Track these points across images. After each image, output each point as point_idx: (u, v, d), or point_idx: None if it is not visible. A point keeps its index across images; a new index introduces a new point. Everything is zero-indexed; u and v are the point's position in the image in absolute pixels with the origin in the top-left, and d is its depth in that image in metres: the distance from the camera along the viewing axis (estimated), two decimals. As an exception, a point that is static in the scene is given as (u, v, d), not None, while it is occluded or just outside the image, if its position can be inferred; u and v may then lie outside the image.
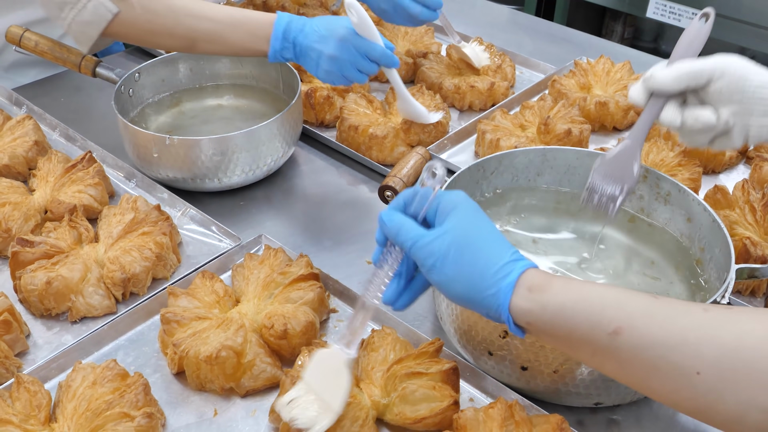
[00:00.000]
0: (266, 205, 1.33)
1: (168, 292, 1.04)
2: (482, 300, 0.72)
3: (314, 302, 1.04)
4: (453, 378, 0.93)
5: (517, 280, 0.71)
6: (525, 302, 0.71)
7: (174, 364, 0.98)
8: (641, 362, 0.65)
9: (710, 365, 0.62)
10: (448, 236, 0.73)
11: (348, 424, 0.87)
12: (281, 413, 0.85)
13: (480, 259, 0.72)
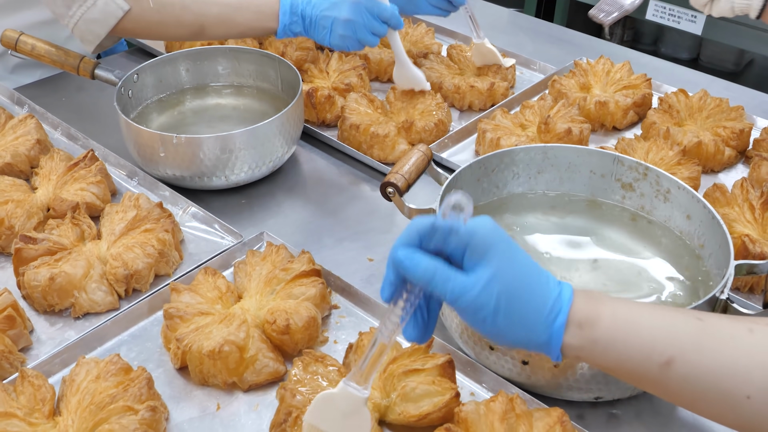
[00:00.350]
0: (268, 204, 1.34)
1: (170, 288, 1.05)
2: (535, 345, 0.71)
3: (316, 298, 1.05)
4: (450, 371, 0.95)
5: (566, 319, 0.69)
6: (576, 340, 0.70)
7: (177, 359, 0.99)
8: (691, 391, 0.67)
9: (759, 389, 0.63)
10: (496, 285, 0.68)
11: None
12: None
13: (530, 307, 0.69)
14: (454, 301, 0.69)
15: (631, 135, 1.50)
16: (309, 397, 0.89)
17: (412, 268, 0.69)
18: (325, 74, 1.61)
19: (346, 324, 1.09)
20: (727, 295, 0.93)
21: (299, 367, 0.94)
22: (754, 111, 1.60)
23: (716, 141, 1.42)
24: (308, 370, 0.94)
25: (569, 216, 1.16)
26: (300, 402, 0.89)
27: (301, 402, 0.89)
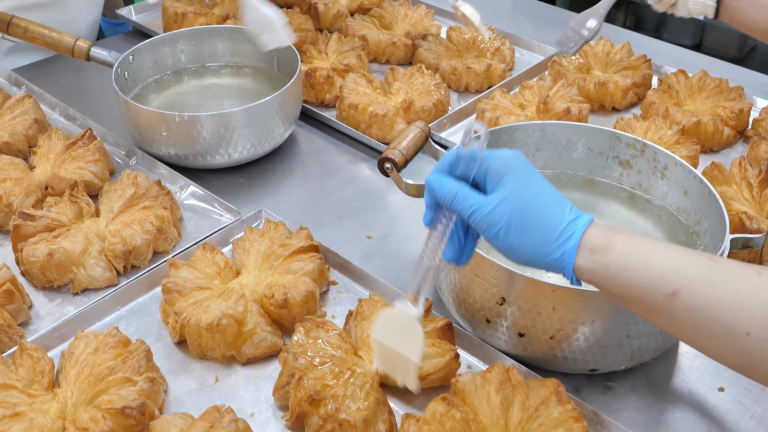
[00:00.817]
0: (266, 183, 1.35)
1: (169, 263, 1.07)
2: (547, 264, 0.75)
3: (314, 273, 1.07)
4: (449, 333, 0.96)
5: (579, 242, 0.73)
6: (588, 263, 0.73)
7: (175, 333, 1.01)
8: (694, 323, 0.69)
9: (759, 327, 0.65)
10: (508, 203, 0.74)
11: (356, 392, 0.89)
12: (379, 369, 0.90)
13: (542, 225, 0.74)
14: (470, 217, 0.76)
15: (630, 115, 1.51)
16: (311, 361, 0.91)
17: (438, 189, 0.78)
18: (324, 55, 1.62)
19: (344, 299, 1.10)
20: (722, 268, 0.95)
21: (301, 333, 0.96)
22: (755, 92, 1.61)
23: (715, 121, 1.43)
24: (310, 335, 0.96)
25: (567, 192, 1.18)
26: (302, 365, 0.91)
27: (303, 365, 0.91)
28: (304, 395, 0.88)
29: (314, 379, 0.90)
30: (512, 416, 0.88)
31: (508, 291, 0.92)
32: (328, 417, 0.87)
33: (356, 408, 0.88)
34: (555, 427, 0.86)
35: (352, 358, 0.94)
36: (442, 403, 0.87)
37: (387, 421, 0.89)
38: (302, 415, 0.89)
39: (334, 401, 0.87)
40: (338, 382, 0.90)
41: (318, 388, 0.88)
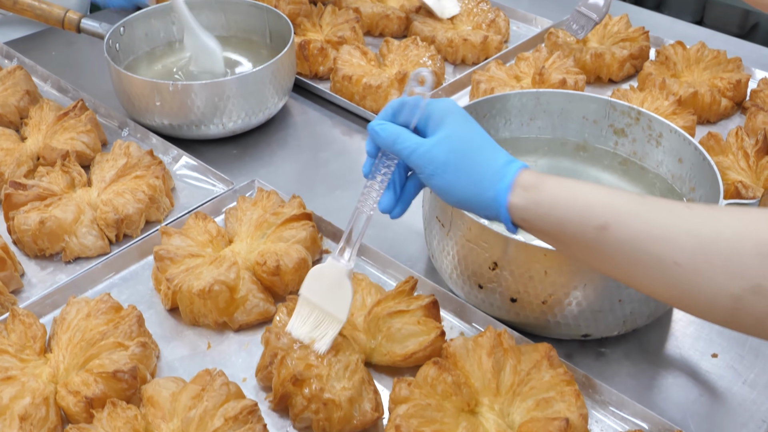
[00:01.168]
0: (260, 154, 1.36)
1: (161, 231, 1.07)
2: (481, 202, 0.78)
3: (307, 241, 1.07)
4: (434, 311, 0.97)
5: (513, 181, 0.77)
6: (521, 200, 0.76)
7: (167, 300, 1.01)
8: (625, 255, 0.71)
9: (688, 256, 0.67)
10: (447, 143, 0.78)
11: (340, 372, 0.89)
12: (290, 332, 0.90)
13: (478, 164, 0.78)
14: (409, 157, 0.80)
15: (627, 87, 1.51)
16: (294, 340, 0.92)
17: (381, 132, 0.82)
18: (318, 28, 1.62)
19: (337, 268, 1.11)
20: (715, 233, 0.95)
21: (283, 312, 0.96)
22: (754, 65, 1.61)
23: (712, 91, 1.44)
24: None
25: (559, 160, 1.18)
26: (285, 345, 0.91)
27: (286, 345, 0.91)
28: (287, 376, 0.88)
29: (297, 359, 0.89)
30: (504, 380, 0.88)
31: (501, 256, 0.93)
32: (312, 397, 0.87)
33: (341, 387, 0.88)
34: (546, 391, 0.87)
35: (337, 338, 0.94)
36: (433, 367, 0.88)
37: (373, 399, 0.89)
38: (285, 396, 0.89)
39: (318, 381, 0.87)
40: (322, 361, 0.90)
41: (301, 368, 0.88)
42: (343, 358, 0.91)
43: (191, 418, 0.83)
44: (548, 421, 0.82)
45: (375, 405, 0.89)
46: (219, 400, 0.85)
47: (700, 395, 0.96)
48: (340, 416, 0.86)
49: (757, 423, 0.92)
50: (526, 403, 0.87)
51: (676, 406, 0.94)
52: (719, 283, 0.66)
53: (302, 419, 0.88)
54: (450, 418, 0.84)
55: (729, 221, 0.67)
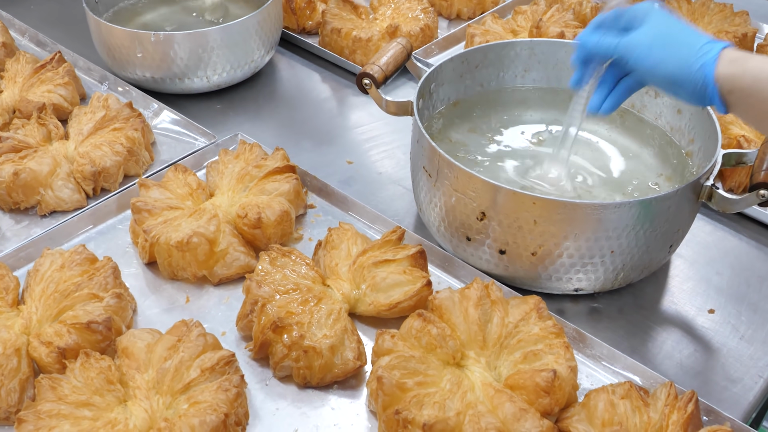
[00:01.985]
0: (244, 109, 1.35)
1: (139, 183, 1.07)
2: (690, 75, 0.81)
3: (290, 194, 1.07)
4: (421, 261, 0.96)
5: (718, 54, 0.80)
6: (728, 69, 0.79)
7: (145, 253, 1.01)
8: None
9: None
10: (650, 30, 0.84)
11: (322, 320, 0.89)
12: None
13: (682, 43, 0.82)
14: (615, 48, 0.86)
15: (628, 41, 1.49)
16: (275, 289, 0.91)
17: (587, 40, 0.88)
18: (307, -20, 1.60)
19: (322, 222, 1.10)
20: (712, 182, 0.95)
21: (266, 261, 0.96)
22: (761, 19, 1.59)
23: (717, 45, 1.42)
24: (275, 264, 0.96)
25: (553, 113, 1.17)
26: (266, 293, 0.91)
27: (267, 293, 0.91)
28: (267, 323, 0.88)
29: (278, 306, 0.89)
30: (491, 332, 0.88)
31: (489, 205, 0.92)
32: (292, 344, 0.87)
33: (322, 335, 0.88)
34: (534, 343, 0.87)
35: (319, 287, 0.94)
36: (418, 319, 0.88)
37: (355, 348, 0.89)
38: (266, 344, 0.89)
39: (299, 328, 0.87)
40: (304, 309, 0.90)
41: (282, 315, 0.88)
42: (325, 306, 0.91)
43: (166, 369, 0.83)
44: (535, 373, 0.82)
45: (357, 354, 0.88)
46: (195, 351, 0.84)
47: (695, 350, 0.95)
48: (321, 364, 0.86)
49: (753, 378, 0.92)
50: (514, 356, 0.87)
51: (669, 360, 0.94)
52: None
53: (282, 368, 0.88)
54: (434, 370, 0.84)
55: None
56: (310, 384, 0.88)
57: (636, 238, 0.92)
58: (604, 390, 0.82)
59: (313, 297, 0.91)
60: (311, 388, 0.88)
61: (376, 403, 0.83)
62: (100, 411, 0.80)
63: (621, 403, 0.80)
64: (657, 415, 0.80)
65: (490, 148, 1.10)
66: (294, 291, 0.92)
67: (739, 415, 0.87)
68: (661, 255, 0.98)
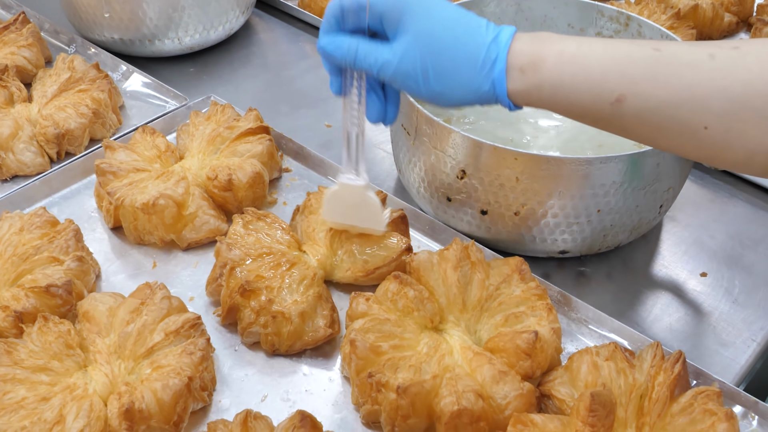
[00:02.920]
0: (219, 72, 1.33)
1: (104, 145, 1.05)
2: (480, 98, 0.72)
3: (263, 155, 1.05)
4: (402, 226, 0.95)
5: (506, 65, 0.70)
6: (521, 85, 0.70)
7: (110, 217, 1.00)
8: (647, 126, 0.67)
9: (718, 118, 0.64)
10: (416, 47, 0.71)
11: (293, 285, 0.88)
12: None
13: (461, 59, 0.71)
14: (379, 73, 0.73)
15: (622, 0, 1.48)
16: (248, 252, 0.90)
17: (334, 51, 0.75)
18: (287, -60, 1.58)
19: (298, 186, 1.09)
20: (704, 138, 0.93)
21: (239, 224, 0.94)
22: (761, -21, 1.58)
23: (715, 5, 1.41)
24: (249, 227, 0.94)
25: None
26: (237, 256, 0.90)
27: (238, 256, 0.90)
28: (235, 286, 0.87)
29: (248, 270, 0.88)
30: (470, 295, 0.87)
31: (468, 162, 0.91)
32: (260, 309, 0.85)
33: (293, 301, 0.86)
34: (516, 306, 0.86)
35: (294, 252, 0.93)
36: (394, 281, 0.86)
37: (328, 316, 0.87)
38: (234, 309, 0.88)
39: (268, 293, 0.86)
40: (275, 273, 0.88)
41: (251, 278, 0.87)
42: (298, 271, 0.89)
43: (129, 332, 0.81)
44: (516, 335, 0.81)
45: (330, 322, 0.87)
46: (159, 314, 0.83)
47: (686, 314, 0.94)
48: (290, 331, 0.85)
49: (745, 342, 0.91)
50: (495, 318, 0.86)
51: (658, 324, 0.93)
52: (755, 141, 0.64)
53: (250, 333, 0.87)
54: (411, 333, 0.83)
55: (760, 71, 0.63)
56: (279, 351, 0.87)
57: (624, 196, 0.91)
58: (588, 352, 0.81)
59: (286, 262, 0.89)
60: (281, 356, 0.87)
61: (349, 368, 0.82)
62: (58, 376, 0.78)
63: (605, 365, 0.79)
64: (642, 376, 0.79)
65: (477, 110, 1.09)
66: (267, 255, 0.91)
67: (730, 378, 0.87)
68: (650, 215, 0.97)
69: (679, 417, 0.76)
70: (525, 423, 0.74)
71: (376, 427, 0.80)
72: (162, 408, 0.76)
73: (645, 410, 0.76)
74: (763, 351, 0.91)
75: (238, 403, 0.82)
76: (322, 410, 0.81)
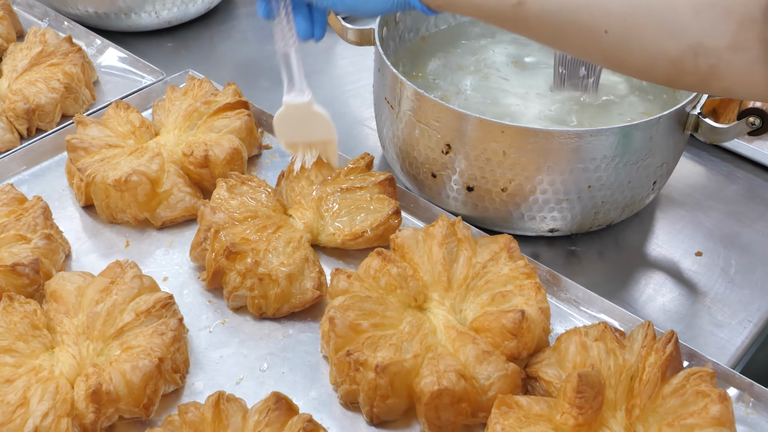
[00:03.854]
0: (199, 47, 1.31)
1: (76, 120, 1.03)
2: (395, 5, 0.76)
3: (241, 131, 1.04)
4: (390, 189, 0.94)
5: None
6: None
7: (81, 194, 0.98)
8: (549, 27, 0.70)
9: (617, 22, 0.66)
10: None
11: (280, 247, 0.87)
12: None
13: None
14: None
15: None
16: (232, 216, 0.89)
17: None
18: None
19: (278, 164, 1.07)
20: (699, 111, 0.92)
21: (223, 188, 0.93)
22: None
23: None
24: (233, 191, 0.93)
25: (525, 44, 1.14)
26: (221, 219, 0.89)
27: (222, 219, 0.89)
28: (220, 249, 0.86)
29: (233, 233, 0.87)
30: (456, 273, 0.86)
31: (454, 136, 0.90)
32: (246, 272, 0.85)
33: (279, 263, 0.86)
34: (504, 285, 0.85)
35: (280, 215, 0.92)
36: (377, 257, 0.85)
37: (315, 278, 0.87)
38: (219, 273, 0.87)
39: (254, 255, 0.86)
40: (261, 236, 0.88)
41: (236, 241, 0.86)
42: (284, 234, 0.89)
43: (98, 312, 0.80)
44: (501, 314, 0.79)
45: (317, 284, 0.86)
46: (130, 293, 0.82)
47: (680, 294, 0.93)
48: (277, 293, 0.84)
49: (741, 323, 0.90)
50: (481, 297, 0.84)
51: (651, 304, 0.91)
52: (654, 46, 0.65)
53: (236, 297, 0.86)
54: (393, 312, 0.81)
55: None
56: (266, 315, 0.86)
57: (615, 171, 0.89)
58: (576, 332, 0.79)
59: (272, 224, 0.89)
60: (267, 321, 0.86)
61: (328, 347, 0.80)
62: (23, 357, 0.77)
63: (594, 346, 0.78)
64: (633, 357, 0.77)
65: (462, 82, 1.07)
66: (252, 218, 0.90)
67: (725, 360, 0.85)
68: (643, 192, 0.95)
69: (671, 398, 0.74)
70: (509, 405, 0.72)
71: (355, 407, 0.78)
72: (131, 390, 0.75)
73: (635, 392, 0.75)
74: (759, 332, 0.90)
75: (212, 386, 0.80)
76: (300, 392, 0.80)
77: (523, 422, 0.72)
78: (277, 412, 0.71)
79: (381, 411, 0.76)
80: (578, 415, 0.71)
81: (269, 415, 0.71)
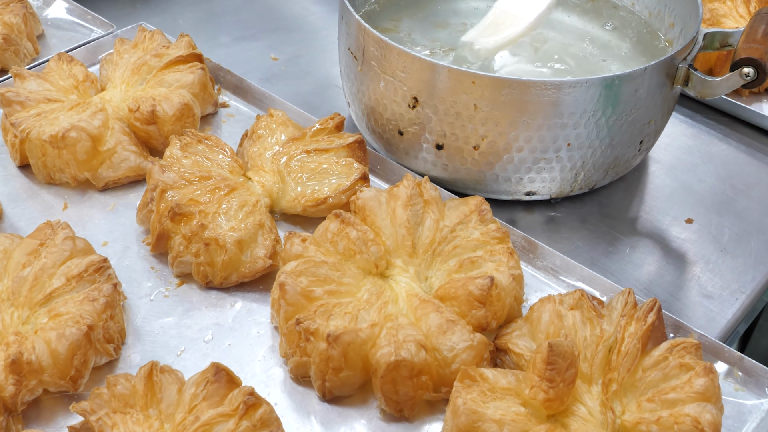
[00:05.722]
0: (155, 0, 1.26)
1: (12, 73, 0.99)
2: None
3: (194, 86, 0.99)
4: (359, 153, 0.90)
5: None
6: None
7: (16, 152, 0.93)
8: None
9: None
10: None
11: (232, 210, 0.83)
12: None
13: None
14: None
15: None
16: (183, 176, 0.85)
17: None
18: None
19: (235, 123, 1.03)
20: (690, 64, 0.88)
21: (176, 146, 0.89)
22: None
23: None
24: (188, 150, 0.89)
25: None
26: (170, 179, 0.84)
27: (171, 179, 0.84)
28: (165, 210, 0.82)
29: (182, 193, 0.83)
30: (421, 237, 0.81)
31: (421, 87, 0.85)
32: (192, 236, 0.81)
33: (229, 227, 0.82)
34: (473, 250, 0.80)
35: (237, 178, 0.88)
36: (335, 220, 0.81)
37: (269, 247, 0.83)
38: (164, 236, 0.83)
39: (202, 217, 0.81)
40: (211, 198, 0.83)
41: (183, 201, 0.82)
42: (238, 197, 0.85)
43: (24, 277, 0.75)
44: (469, 280, 0.75)
45: (271, 252, 0.82)
46: (61, 256, 0.77)
47: (668, 263, 0.89)
48: (225, 260, 0.80)
49: (733, 293, 0.86)
50: (448, 264, 0.80)
51: (636, 273, 0.88)
52: None
53: (181, 263, 0.82)
54: (351, 279, 0.77)
55: None
56: (213, 284, 0.82)
57: (597, 127, 0.85)
58: (550, 300, 0.75)
59: (226, 186, 0.84)
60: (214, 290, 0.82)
61: (278, 315, 0.76)
62: (-60, 325, 0.72)
63: (569, 315, 0.74)
64: (612, 327, 0.73)
65: (434, 36, 1.02)
66: (205, 180, 0.86)
67: (714, 333, 0.82)
68: (629, 152, 0.91)
69: (651, 371, 0.71)
70: (473, 378, 0.68)
71: (306, 382, 0.74)
72: (56, 360, 0.70)
73: (613, 365, 0.71)
74: (752, 303, 0.86)
75: (150, 358, 0.75)
76: (246, 365, 0.76)
77: (487, 396, 0.68)
78: (216, 385, 0.67)
79: (334, 385, 0.72)
80: (548, 389, 0.67)
81: (207, 388, 0.67)
